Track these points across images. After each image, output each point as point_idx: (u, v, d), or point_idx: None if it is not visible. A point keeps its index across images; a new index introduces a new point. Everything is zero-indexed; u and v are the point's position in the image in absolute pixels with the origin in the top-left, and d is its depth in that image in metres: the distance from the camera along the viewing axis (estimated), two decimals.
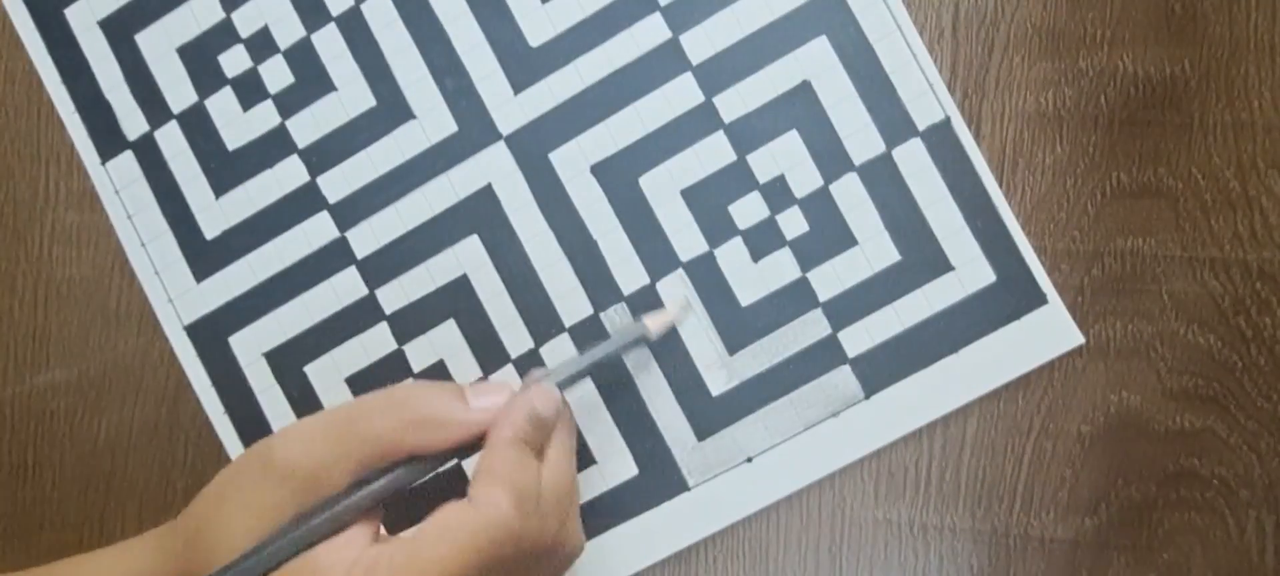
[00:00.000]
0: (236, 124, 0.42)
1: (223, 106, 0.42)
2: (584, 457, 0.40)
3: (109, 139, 0.43)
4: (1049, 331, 0.39)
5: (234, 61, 0.42)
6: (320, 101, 0.42)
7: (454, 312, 0.41)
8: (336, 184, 0.41)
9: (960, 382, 0.39)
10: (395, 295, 0.41)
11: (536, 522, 0.32)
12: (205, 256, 0.42)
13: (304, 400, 0.42)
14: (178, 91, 0.42)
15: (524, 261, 0.41)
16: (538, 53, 0.41)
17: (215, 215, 0.42)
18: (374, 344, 0.41)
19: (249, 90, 0.42)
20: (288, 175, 0.42)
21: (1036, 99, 0.39)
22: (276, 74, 0.42)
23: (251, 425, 0.42)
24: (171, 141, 0.42)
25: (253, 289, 0.42)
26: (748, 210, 0.40)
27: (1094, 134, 0.39)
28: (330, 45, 0.42)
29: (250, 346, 0.42)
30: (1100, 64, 0.39)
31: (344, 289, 0.41)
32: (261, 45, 0.42)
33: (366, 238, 0.41)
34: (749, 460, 0.40)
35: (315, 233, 0.42)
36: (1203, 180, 0.39)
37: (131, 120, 0.42)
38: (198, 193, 0.42)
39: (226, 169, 0.42)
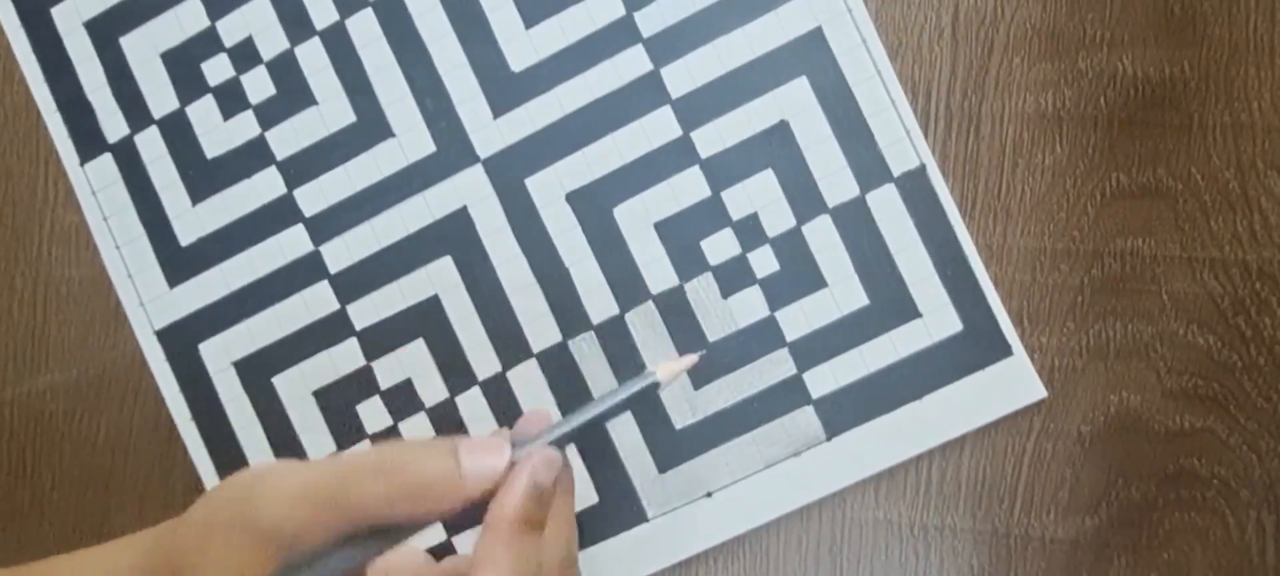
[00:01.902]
0: (216, 132, 0.42)
1: (203, 114, 0.42)
2: None
3: (89, 140, 0.43)
4: (1012, 383, 0.39)
5: (217, 70, 0.42)
6: (300, 114, 0.42)
7: (423, 332, 0.41)
8: (313, 197, 0.42)
9: (922, 430, 0.39)
10: (366, 311, 0.41)
11: None
12: (179, 262, 0.42)
13: (271, 411, 0.42)
14: (160, 97, 0.42)
15: (495, 285, 0.41)
16: (519, 78, 0.41)
17: (191, 222, 0.42)
18: (342, 359, 0.42)
19: (230, 99, 0.42)
20: (265, 186, 0.42)
21: (1036, 99, 0.39)
22: (258, 85, 0.42)
23: (217, 432, 0.42)
24: (151, 146, 0.42)
25: (225, 297, 0.42)
26: (720, 246, 0.40)
27: (1093, 135, 0.39)
28: (313, 59, 0.42)
29: (220, 354, 0.42)
30: (1100, 65, 0.39)
31: (315, 302, 0.42)
32: (245, 55, 0.42)
33: (340, 253, 0.41)
34: (709, 495, 0.40)
35: (290, 245, 0.42)
36: (1202, 181, 0.38)
37: (112, 122, 0.43)
38: (175, 199, 0.42)
39: (204, 176, 0.42)
